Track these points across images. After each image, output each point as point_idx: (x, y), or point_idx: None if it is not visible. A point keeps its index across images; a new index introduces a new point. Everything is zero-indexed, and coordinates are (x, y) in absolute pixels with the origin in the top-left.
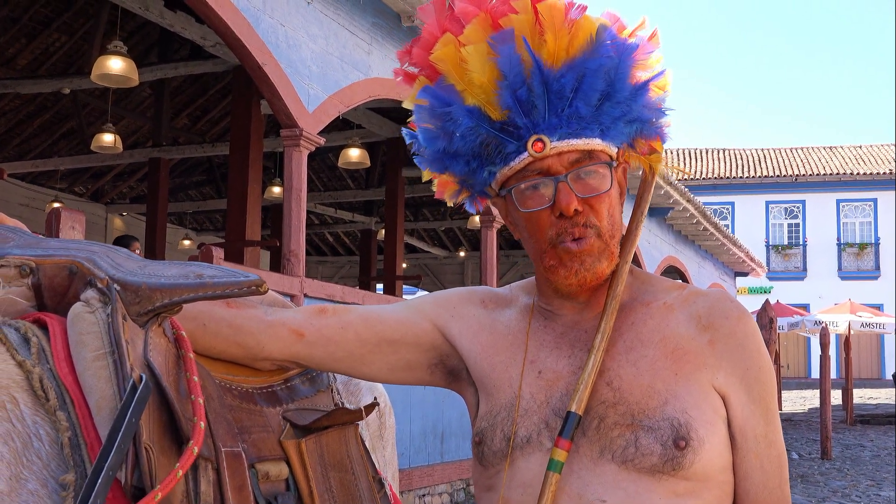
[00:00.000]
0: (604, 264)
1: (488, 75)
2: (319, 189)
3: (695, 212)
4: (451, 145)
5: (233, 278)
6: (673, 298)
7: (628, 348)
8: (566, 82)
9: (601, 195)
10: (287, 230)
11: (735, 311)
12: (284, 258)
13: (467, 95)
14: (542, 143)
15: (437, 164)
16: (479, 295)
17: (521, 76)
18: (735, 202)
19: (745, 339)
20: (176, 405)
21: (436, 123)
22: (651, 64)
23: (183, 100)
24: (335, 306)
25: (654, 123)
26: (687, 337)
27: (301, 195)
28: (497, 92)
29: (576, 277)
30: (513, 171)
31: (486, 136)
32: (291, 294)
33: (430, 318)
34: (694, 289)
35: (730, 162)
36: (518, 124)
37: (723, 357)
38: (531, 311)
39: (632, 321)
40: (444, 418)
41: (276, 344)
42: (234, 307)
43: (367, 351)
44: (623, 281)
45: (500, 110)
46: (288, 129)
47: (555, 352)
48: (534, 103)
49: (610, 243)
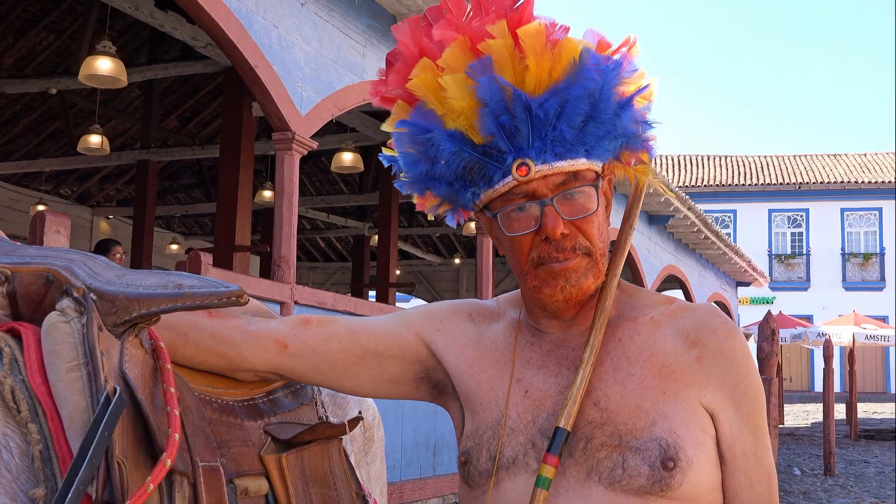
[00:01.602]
0: (590, 280)
1: (468, 102)
2: (311, 193)
3: (696, 220)
4: (434, 169)
5: (213, 288)
6: (660, 313)
7: (615, 367)
8: (549, 107)
9: (589, 216)
10: (278, 235)
11: (723, 326)
12: (275, 264)
13: (448, 120)
14: (527, 168)
15: (419, 186)
16: (467, 308)
17: (502, 103)
18: (737, 210)
19: (733, 355)
20: (150, 418)
21: (416, 149)
22: (635, 78)
23: (173, 101)
24: (320, 317)
25: (639, 137)
26: (674, 354)
27: (293, 199)
28: (479, 119)
29: (562, 293)
30: (497, 194)
31: (468, 160)
32: (281, 301)
33: (416, 331)
34: (681, 303)
35: (732, 169)
36: (501, 148)
37: (711, 374)
38: (517, 327)
39: (619, 338)
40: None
41: (259, 355)
42: (216, 317)
43: (352, 363)
44: (612, 295)
45: (482, 135)
46: (280, 133)
47: (542, 370)
48: (517, 128)
49: (599, 261)
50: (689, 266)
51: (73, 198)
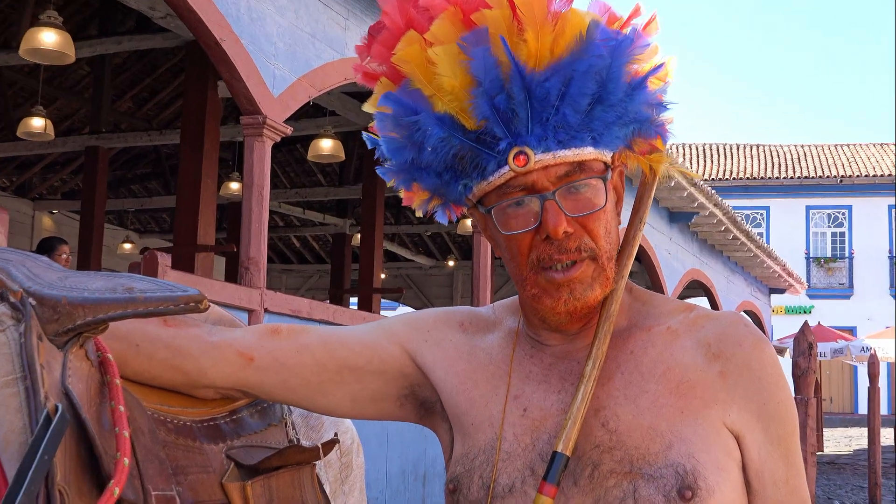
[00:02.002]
0: (597, 291)
1: (460, 80)
2: (285, 186)
3: (723, 218)
4: (420, 157)
5: (169, 293)
6: (678, 322)
7: (627, 383)
8: (551, 87)
9: (596, 213)
10: (246, 233)
11: (749, 337)
12: (242, 266)
13: (437, 101)
14: (526, 157)
15: (404, 176)
16: (458, 317)
17: (498, 81)
18: (770, 207)
19: (761, 369)
20: (97, 440)
21: (401, 133)
22: (648, 56)
23: (126, 80)
24: (290, 326)
25: (653, 121)
26: (694, 368)
27: (263, 192)
28: (471, 99)
29: (564, 307)
30: (492, 187)
31: (459, 147)
32: (249, 308)
33: (401, 343)
34: (702, 311)
35: (764, 160)
36: (497, 134)
37: (736, 391)
38: (515, 338)
39: (630, 350)
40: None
41: (221, 369)
42: (172, 325)
43: (326, 379)
44: (618, 300)
45: (475, 119)
46: (249, 116)
47: (542, 386)
48: (514, 111)
49: (607, 266)
50: (716, 270)
51: (11, 189)
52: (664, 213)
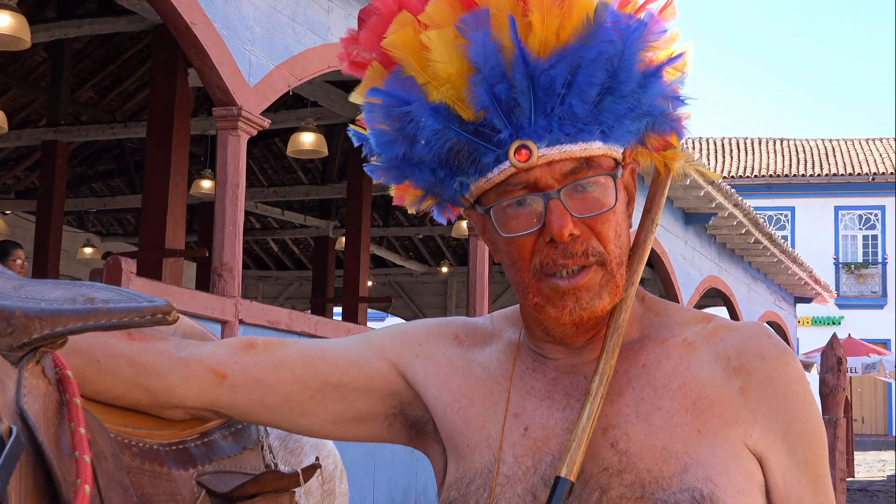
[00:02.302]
0: (605, 300)
1: (457, 66)
2: (262, 184)
3: (744, 219)
4: (413, 151)
5: (134, 303)
6: (694, 334)
7: (638, 399)
8: (557, 75)
9: (605, 213)
10: (219, 236)
11: (773, 350)
12: (215, 273)
13: (431, 90)
14: (528, 151)
15: (395, 173)
16: (453, 329)
17: (499, 68)
18: (795, 207)
19: (786, 385)
20: (55, 465)
21: (392, 125)
22: (665, 43)
23: (87, 67)
24: (267, 340)
25: (668, 115)
26: (712, 383)
27: (238, 191)
28: (469, 88)
29: (570, 317)
30: (491, 184)
31: (456, 140)
32: (223, 319)
33: (389, 357)
34: (721, 321)
35: (789, 156)
36: (497, 127)
37: (758, 409)
38: (516, 351)
39: (642, 363)
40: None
41: (191, 387)
42: (138, 339)
43: (307, 397)
44: (628, 309)
45: (473, 109)
46: (222, 107)
47: (545, 402)
48: (516, 101)
49: (617, 273)
50: (736, 277)
51: None
52: (679, 215)
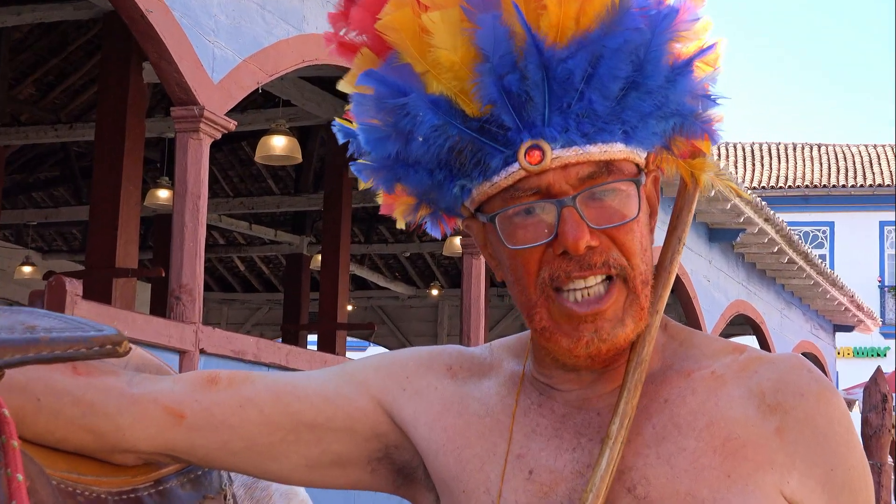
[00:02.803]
0: (628, 327)
1: (462, 54)
2: (227, 194)
3: (776, 236)
4: (408, 150)
5: (79, 332)
6: (724, 366)
7: (660, 438)
8: (575, 66)
9: (627, 224)
10: (178, 254)
11: (815, 385)
12: (173, 295)
13: (431, 80)
14: (541, 152)
15: (386, 175)
16: (445, 359)
17: (509, 57)
18: (835, 223)
19: (828, 426)
20: None
21: (385, 119)
22: (696, 33)
23: (28, 60)
24: (232, 374)
25: (699, 116)
26: (744, 422)
27: (199, 203)
28: (475, 79)
29: (586, 350)
30: (497, 189)
31: (458, 138)
32: (181, 349)
33: (372, 393)
34: (755, 353)
35: (827, 164)
36: (506, 124)
37: (796, 452)
38: (520, 383)
39: (664, 398)
40: None
41: (144, 429)
42: (84, 374)
43: (277, 440)
44: (652, 340)
45: (479, 103)
46: (182, 107)
47: (553, 442)
48: (529, 95)
49: (642, 293)
50: (767, 302)
51: None
52: (702, 231)
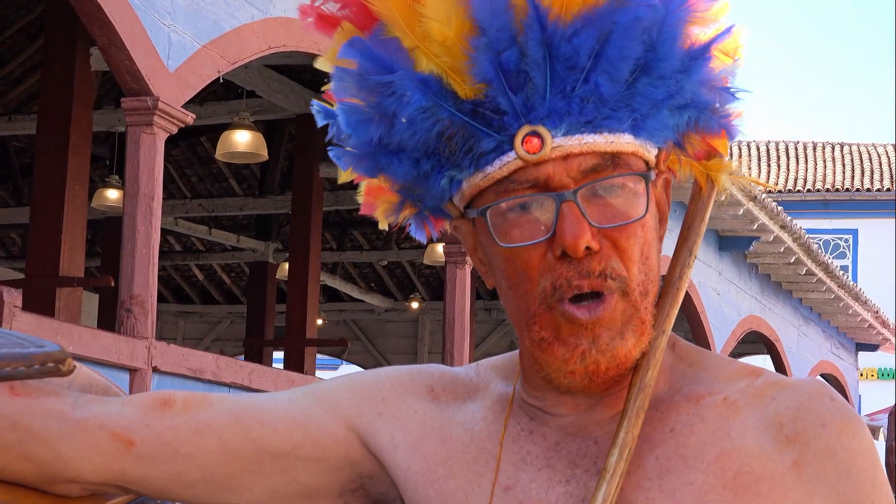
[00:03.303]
0: (629, 341)
1: (456, 27)
2: (184, 195)
3: (793, 245)
4: (392, 135)
5: (17, 349)
6: (738, 392)
7: (663, 471)
8: (581, 44)
9: (631, 225)
10: (128, 261)
11: (836, 415)
12: (123, 307)
13: (421, 56)
14: (540, 140)
15: (368, 163)
16: (426, 380)
17: (508, 31)
18: (858, 230)
19: (851, 461)
20: None
21: (368, 99)
22: (714, 16)
23: None
24: (188, 396)
25: (716, 111)
26: (759, 455)
27: (153, 205)
28: (470, 54)
29: (582, 363)
30: (490, 181)
31: (448, 123)
32: (132, 367)
33: (345, 418)
34: (772, 377)
35: (850, 166)
36: (501, 107)
37: (816, 489)
38: (509, 407)
39: (670, 427)
40: None
41: (89, 457)
42: (22, 395)
43: (238, 469)
44: (657, 363)
45: (472, 83)
46: (134, 98)
47: (544, 473)
48: (528, 75)
49: (641, 305)
50: (782, 318)
51: None
52: (712, 238)
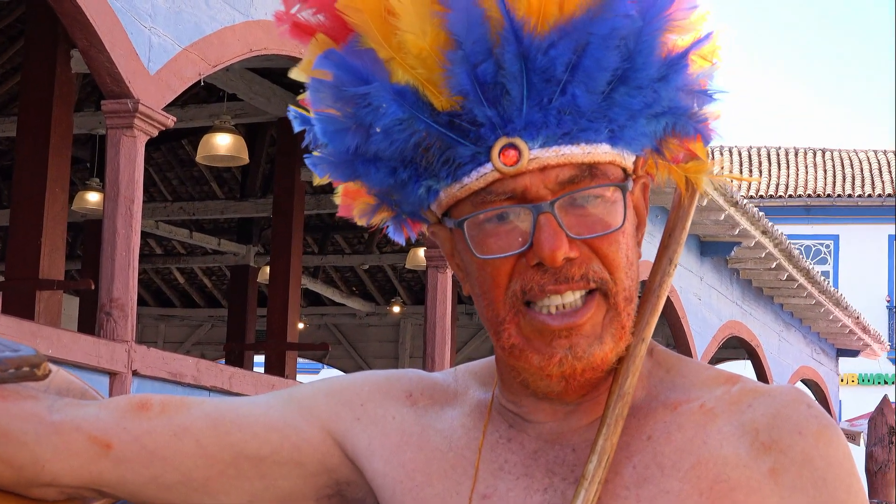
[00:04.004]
0: (607, 346)
1: (431, 39)
2: (165, 198)
3: (774, 250)
4: (369, 145)
5: None
6: (715, 399)
7: (641, 479)
8: (558, 56)
9: (610, 234)
10: (108, 264)
11: (813, 422)
12: (103, 311)
13: (396, 68)
14: (517, 152)
15: (345, 170)
16: (405, 385)
17: (484, 43)
18: (839, 236)
19: (827, 468)
20: None
21: (344, 109)
22: (693, 24)
23: None
24: (166, 399)
25: (693, 115)
26: (735, 463)
27: (133, 207)
28: (446, 66)
29: (558, 368)
30: (467, 192)
31: (425, 134)
32: (112, 370)
33: (323, 423)
34: (749, 384)
35: (832, 171)
36: (478, 119)
37: (792, 497)
38: (488, 414)
39: (647, 434)
40: None
41: (66, 460)
42: None
43: (216, 473)
44: (637, 369)
45: (449, 95)
46: (115, 101)
47: (522, 481)
48: (505, 87)
49: (624, 311)
50: (764, 323)
51: None
52: (693, 244)
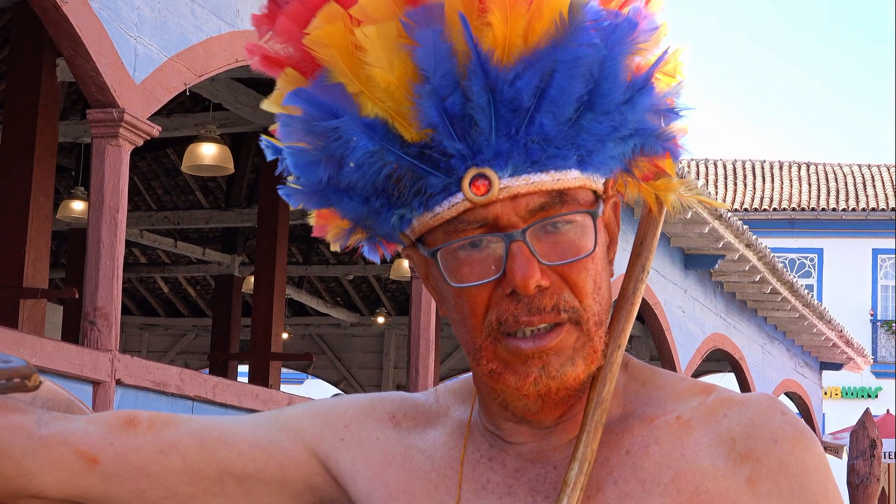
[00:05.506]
0: (579, 367)
1: (399, 73)
2: (150, 207)
3: (758, 263)
4: (341, 176)
5: None
6: (691, 410)
7: (622, 495)
8: (524, 87)
9: (581, 260)
10: (93, 273)
11: (788, 430)
12: (87, 319)
13: (365, 101)
14: (487, 182)
15: (318, 199)
16: (387, 407)
17: (452, 76)
18: (824, 250)
19: (804, 475)
20: None
21: (315, 143)
22: (656, 41)
23: None
24: (153, 416)
25: (662, 134)
26: (713, 474)
27: (118, 217)
28: (414, 100)
29: (534, 387)
30: (439, 221)
31: (396, 165)
32: (96, 380)
33: (307, 443)
34: (724, 394)
35: (816, 185)
36: (447, 150)
37: None
38: (467, 433)
39: (626, 449)
40: None
41: (53, 474)
42: None
43: (201, 490)
44: (614, 377)
45: (418, 128)
46: (100, 110)
47: (505, 500)
48: (473, 119)
49: (595, 335)
50: (748, 336)
51: None
52: (677, 256)
